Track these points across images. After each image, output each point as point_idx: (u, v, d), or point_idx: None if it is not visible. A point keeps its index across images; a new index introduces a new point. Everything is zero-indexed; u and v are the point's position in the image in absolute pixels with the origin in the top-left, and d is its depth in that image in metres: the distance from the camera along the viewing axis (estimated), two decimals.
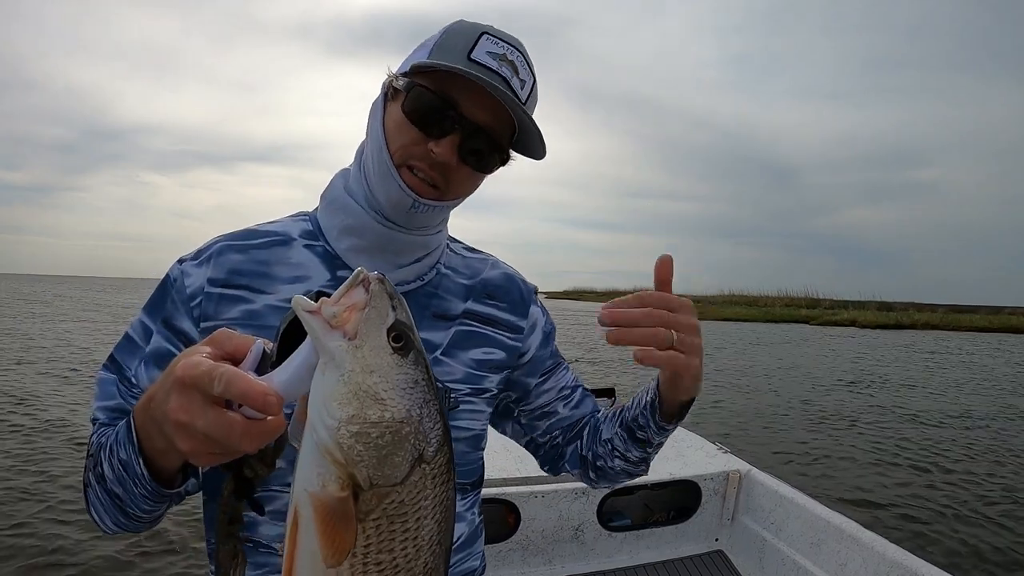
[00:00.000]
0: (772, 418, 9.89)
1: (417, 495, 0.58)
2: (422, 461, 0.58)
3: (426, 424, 0.59)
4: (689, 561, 3.25)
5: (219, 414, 0.57)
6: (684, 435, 4.00)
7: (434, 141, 0.91)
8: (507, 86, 0.91)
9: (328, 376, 0.56)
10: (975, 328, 38.87)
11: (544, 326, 1.19)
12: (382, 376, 0.56)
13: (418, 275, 1.04)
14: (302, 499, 0.56)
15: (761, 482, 3.36)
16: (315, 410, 0.56)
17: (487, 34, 0.92)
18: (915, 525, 5.69)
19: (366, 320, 0.57)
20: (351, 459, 0.55)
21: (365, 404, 0.55)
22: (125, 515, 0.85)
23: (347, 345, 0.56)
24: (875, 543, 2.69)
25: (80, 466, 0.84)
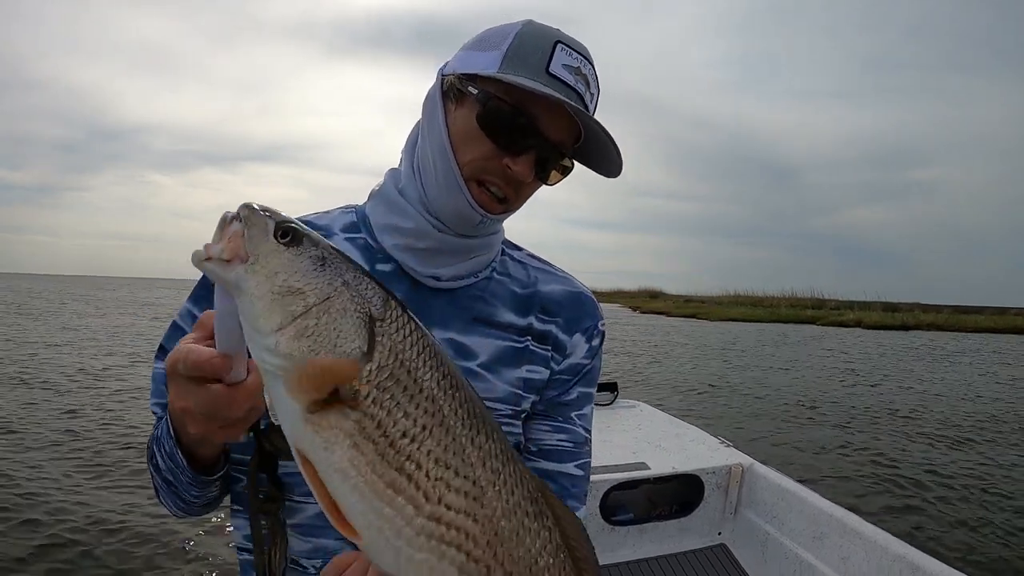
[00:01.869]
0: (775, 413, 9.90)
1: (393, 353, 0.57)
2: (375, 321, 0.57)
3: (356, 288, 0.58)
4: (692, 555, 3.26)
5: (204, 391, 0.61)
6: (687, 429, 4.01)
7: (511, 158, 0.88)
8: (582, 102, 0.89)
9: (243, 303, 0.57)
10: (981, 329, 38.67)
11: (583, 357, 1.06)
12: (286, 271, 0.57)
13: (471, 271, 1.00)
14: (298, 437, 0.56)
15: (763, 476, 3.36)
16: (252, 343, 0.57)
17: (561, 43, 0.89)
18: (917, 519, 5.68)
19: (250, 239, 0.57)
20: (308, 356, 0.55)
21: (285, 304, 0.56)
22: (182, 500, 0.90)
23: (244, 267, 0.56)
24: (877, 536, 2.69)
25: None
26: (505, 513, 0.60)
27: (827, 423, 9.51)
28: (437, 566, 0.56)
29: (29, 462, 6.12)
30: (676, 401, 10.43)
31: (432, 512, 0.56)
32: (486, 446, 0.60)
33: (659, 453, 3.54)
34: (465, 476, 0.58)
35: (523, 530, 0.61)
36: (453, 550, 0.57)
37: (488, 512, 0.59)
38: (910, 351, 23.04)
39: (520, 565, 0.60)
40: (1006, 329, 38.16)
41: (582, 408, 1.07)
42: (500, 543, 0.59)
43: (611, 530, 3.25)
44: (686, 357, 18.24)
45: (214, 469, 0.85)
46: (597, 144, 0.92)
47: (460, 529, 0.57)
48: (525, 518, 0.61)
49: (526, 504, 0.62)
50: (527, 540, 0.61)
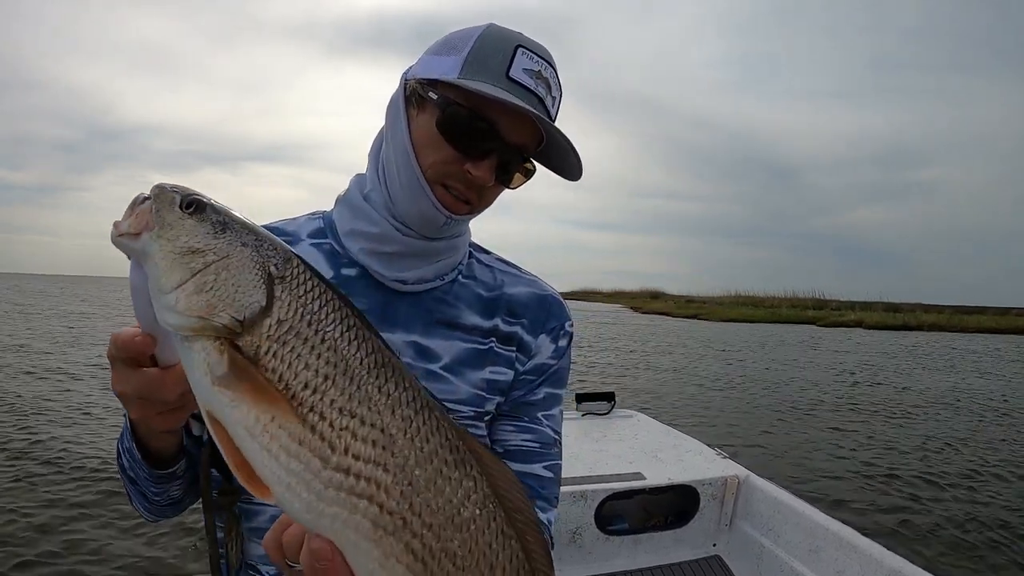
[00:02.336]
0: (772, 423, 9.84)
1: (293, 307, 0.58)
2: (275, 279, 0.58)
3: (256, 248, 0.60)
4: (687, 566, 3.25)
5: (137, 374, 0.64)
6: (683, 440, 4.00)
7: (472, 163, 0.89)
8: (542, 106, 0.90)
9: (148, 268, 0.59)
10: (982, 329, 38.69)
11: (549, 357, 1.06)
12: (188, 235, 0.58)
13: (437, 274, 1.00)
14: (207, 397, 0.56)
15: (759, 488, 3.35)
16: (156, 307, 0.58)
17: (522, 47, 0.89)
18: (913, 532, 5.65)
19: (156, 211, 0.59)
20: (206, 311, 0.56)
21: (185, 262, 0.57)
22: (147, 499, 0.90)
23: (149, 235, 0.58)
24: (873, 550, 2.68)
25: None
26: (419, 461, 0.58)
27: (826, 429, 9.49)
28: (349, 519, 0.55)
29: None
30: (674, 408, 10.41)
31: (339, 463, 0.55)
32: (395, 394, 0.59)
33: (655, 463, 3.53)
34: (372, 424, 0.57)
35: (441, 479, 0.58)
36: (365, 502, 0.55)
37: (399, 461, 0.57)
38: (911, 352, 23.02)
39: (440, 516, 0.57)
40: (1008, 329, 38.16)
41: (550, 409, 1.06)
42: (415, 493, 0.57)
43: (606, 539, 3.24)
44: (686, 360, 18.23)
45: (170, 463, 0.85)
46: (558, 149, 0.93)
47: (371, 480, 0.55)
48: (444, 466, 0.59)
49: (444, 452, 0.59)
50: (446, 490, 0.58)
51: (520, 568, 0.62)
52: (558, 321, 1.08)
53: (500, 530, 0.61)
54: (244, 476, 0.55)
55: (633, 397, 10.45)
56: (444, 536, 0.57)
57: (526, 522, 0.63)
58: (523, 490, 0.65)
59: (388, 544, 0.56)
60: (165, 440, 0.82)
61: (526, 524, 0.63)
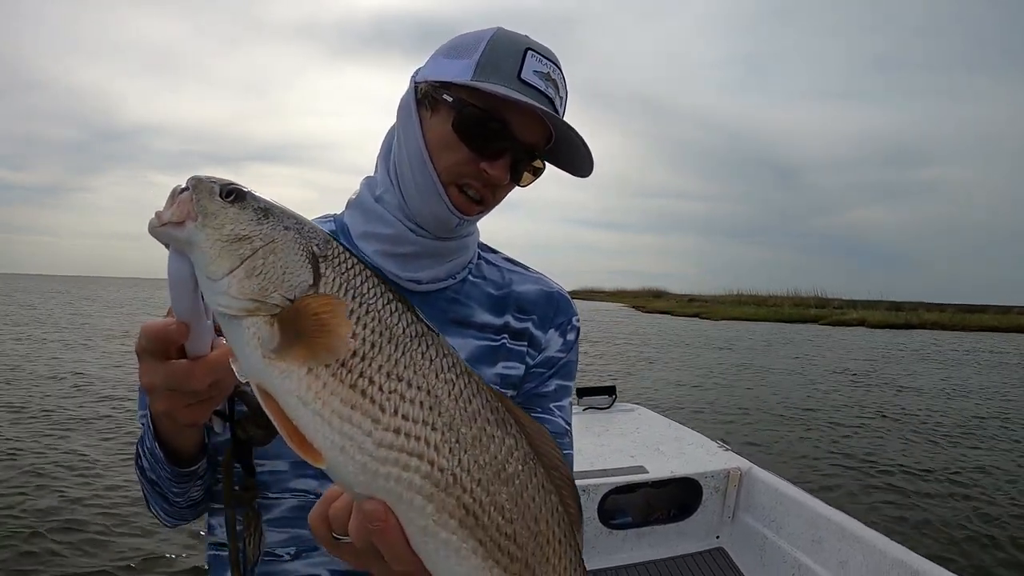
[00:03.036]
0: (774, 416, 9.86)
1: (338, 282, 0.61)
2: (318, 258, 0.62)
3: (298, 231, 0.63)
4: (690, 559, 3.25)
5: (166, 366, 0.65)
6: (685, 433, 4.00)
7: (487, 162, 0.92)
8: (552, 106, 0.93)
9: (196, 258, 0.61)
10: (985, 328, 38.60)
11: (558, 350, 1.09)
12: (233, 223, 0.61)
13: (450, 273, 1.03)
14: (258, 370, 0.58)
15: (762, 480, 3.35)
16: (207, 293, 0.61)
17: (531, 50, 0.93)
18: (916, 523, 5.66)
19: (197, 201, 0.61)
20: (258, 294, 0.58)
21: (234, 249, 0.60)
22: (167, 501, 0.91)
23: (194, 225, 0.60)
24: (876, 540, 2.69)
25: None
26: (465, 420, 0.60)
27: (827, 425, 9.48)
28: (403, 476, 0.57)
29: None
30: (675, 403, 10.41)
31: (390, 423, 0.57)
32: (438, 360, 0.62)
33: (657, 457, 3.53)
34: (419, 387, 0.59)
35: (486, 437, 0.61)
36: (416, 460, 0.57)
37: (446, 419, 0.60)
38: (913, 351, 22.98)
39: (488, 471, 0.60)
40: (1010, 328, 38.07)
41: (560, 400, 1.09)
42: (463, 450, 0.59)
43: (609, 533, 3.24)
44: (687, 358, 18.21)
45: (192, 462, 0.86)
46: (568, 145, 0.97)
47: (420, 438, 0.58)
48: (487, 425, 0.62)
49: (486, 412, 0.62)
50: (491, 447, 0.61)
51: (561, 520, 0.65)
52: (565, 316, 1.11)
53: (541, 484, 0.64)
54: (297, 443, 0.57)
55: (634, 392, 10.44)
56: (492, 490, 0.60)
57: (562, 478, 0.66)
58: (558, 448, 0.67)
59: (440, 500, 0.58)
60: (188, 437, 0.83)
61: (562, 480, 0.66)
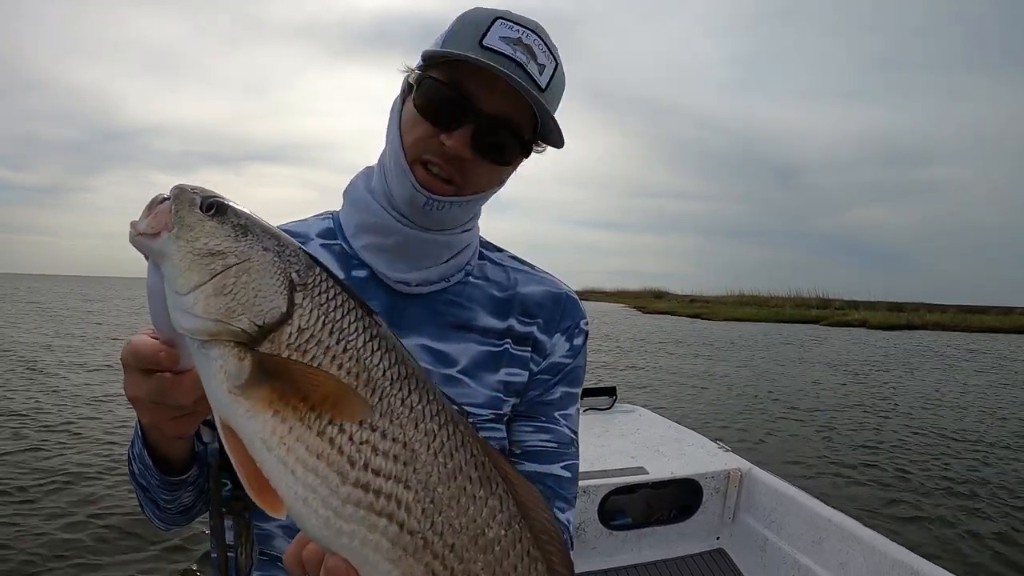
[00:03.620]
0: (774, 417, 9.84)
1: (315, 315, 0.56)
2: (296, 285, 0.57)
3: (278, 253, 0.58)
4: (690, 560, 3.25)
5: (152, 379, 0.62)
6: (685, 433, 3.99)
7: (446, 134, 0.86)
8: (523, 72, 0.85)
9: (165, 268, 0.57)
10: (986, 329, 38.53)
11: (564, 356, 1.04)
12: (209, 237, 0.57)
13: (442, 276, 0.98)
14: (223, 406, 0.54)
15: (762, 480, 3.35)
16: (171, 308, 0.56)
17: (501, 19, 0.87)
18: (917, 523, 5.65)
19: (176, 212, 0.58)
20: (224, 315, 0.54)
21: (205, 264, 0.56)
22: (157, 507, 0.89)
23: (168, 235, 0.57)
24: (876, 541, 2.68)
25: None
26: (443, 478, 0.55)
27: (828, 426, 9.45)
28: (368, 538, 0.53)
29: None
30: (676, 404, 10.39)
31: (358, 479, 0.53)
32: (419, 407, 0.57)
33: (658, 458, 3.53)
34: (394, 439, 0.54)
35: (465, 497, 0.56)
36: (384, 520, 0.53)
37: (422, 477, 0.54)
38: (915, 351, 22.95)
39: (463, 536, 0.55)
40: (1012, 329, 38.00)
41: (566, 408, 1.04)
42: (438, 512, 0.54)
43: (609, 534, 3.24)
44: (688, 359, 18.20)
45: (182, 470, 0.84)
46: (542, 116, 0.89)
47: (391, 497, 0.53)
48: (468, 484, 0.56)
49: (469, 469, 0.57)
50: (471, 509, 0.56)
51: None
52: (573, 320, 1.05)
53: (526, 552, 0.58)
54: (255, 490, 0.53)
55: (635, 393, 10.43)
56: (467, 558, 0.55)
57: (552, 543, 0.61)
58: (549, 510, 0.63)
59: (408, 565, 0.54)
60: (177, 446, 0.81)
61: (552, 545, 0.61)
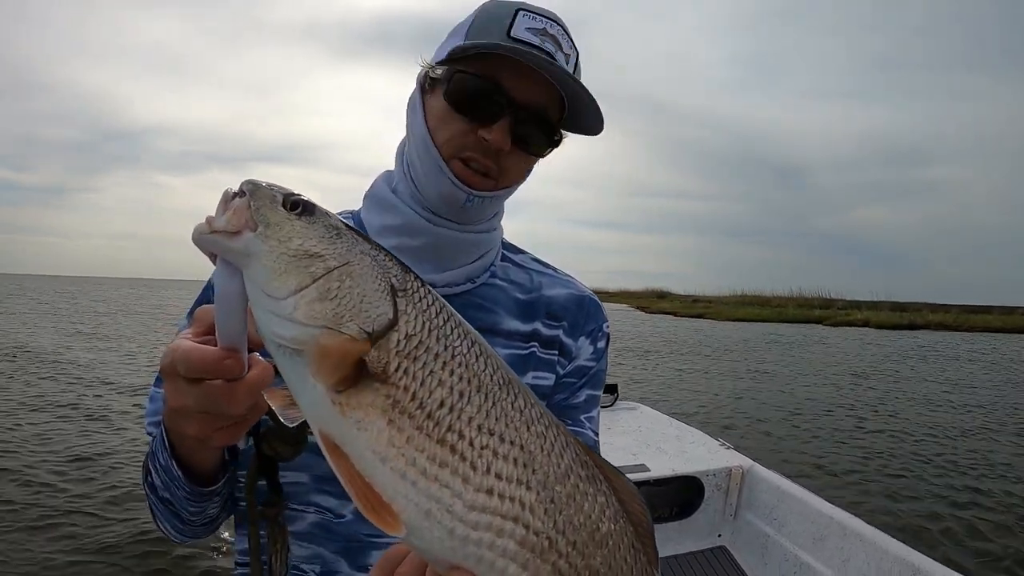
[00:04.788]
0: (776, 415, 9.84)
1: (420, 320, 0.54)
2: (397, 291, 0.54)
3: (375, 257, 0.56)
4: (692, 557, 3.25)
5: (202, 387, 0.57)
6: (687, 431, 3.99)
7: (484, 128, 0.85)
8: (552, 61, 0.84)
9: (254, 270, 0.53)
10: (989, 328, 38.47)
11: (588, 359, 1.04)
12: (302, 237, 0.54)
13: (468, 277, 0.96)
14: (326, 419, 0.51)
15: (764, 478, 3.35)
16: (263, 315, 0.53)
17: (523, 10, 0.86)
18: (918, 520, 5.64)
19: (257, 209, 0.54)
20: (332, 321, 0.51)
21: (303, 266, 0.52)
22: (180, 520, 0.85)
23: (253, 234, 0.53)
24: (878, 538, 2.68)
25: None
26: (559, 477, 0.55)
27: (829, 423, 9.45)
28: (496, 543, 0.51)
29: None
30: (678, 402, 10.39)
31: (482, 483, 0.52)
32: (527, 410, 0.56)
33: (659, 455, 3.53)
34: (512, 442, 0.53)
35: (580, 495, 0.56)
36: (511, 523, 0.52)
37: (541, 477, 0.54)
38: (917, 351, 22.92)
39: (583, 533, 0.55)
40: (1014, 329, 37.93)
41: (590, 411, 1.04)
42: (558, 511, 0.54)
43: None
44: (689, 358, 18.19)
45: (212, 481, 0.81)
46: (576, 103, 0.89)
47: (515, 499, 0.52)
48: (580, 482, 0.56)
49: (577, 467, 0.57)
50: (585, 505, 0.56)
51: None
52: (596, 323, 1.05)
53: (632, 544, 0.59)
54: (371, 508, 0.50)
55: (637, 391, 10.41)
56: (587, 553, 0.55)
57: (646, 535, 0.62)
58: (643, 501, 0.63)
59: (536, 567, 0.53)
60: (210, 456, 0.78)
61: (647, 537, 0.62)
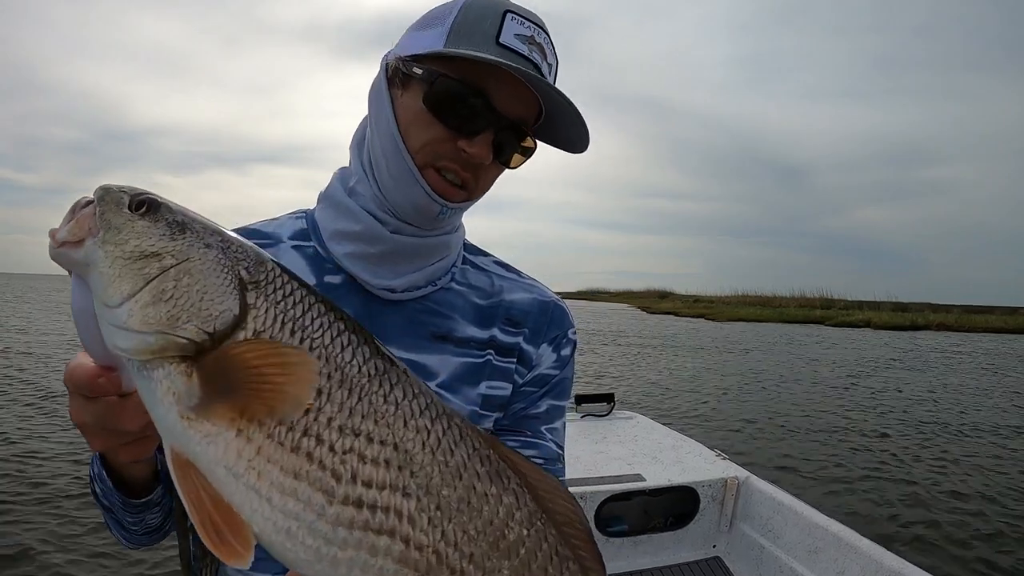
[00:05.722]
0: (772, 425, 9.75)
1: (272, 315, 0.49)
2: (247, 284, 0.50)
3: (222, 249, 0.51)
4: (687, 567, 3.24)
5: (96, 404, 0.55)
6: (682, 441, 3.98)
7: (466, 140, 0.81)
8: (538, 72, 0.81)
9: (93, 280, 0.49)
10: (991, 329, 38.42)
11: (551, 367, 0.99)
12: (139, 238, 0.49)
13: (429, 279, 0.92)
14: (174, 434, 0.47)
15: (759, 489, 3.34)
16: (103, 326, 0.49)
17: (511, 13, 0.81)
18: (913, 533, 5.61)
19: (101, 214, 0.50)
20: (167, 325, 0.47)
21: (138, 268, 0.48)
22: (123, 527, 0.84)
23: (93, 241, 0.49)
24: (873, 551, 2.67)
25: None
26: (446, 478, 0.48)
27: (826, 434, 9.35)
28: (370, 563, 0.46)
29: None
30: (674, 411, 10.35)
31: (348, 494, 0.46)
32: (404, 402, 0.49)
33: (655, 465, 3.52)
34: (382, 441, 0.47)
35: (476, 497, 0.49)
36: (386, 538, 0.46)
37: (422, 480, 0.47)
38: (918, 352, 22.89)
39: (482, 543, 0.48)
40: (1016, 329, 37.90)
41: (552, 422, 0.98)
42: (447, 518, 0.47)
43: (605, 541, 3.23)
44: (689, 360, 18.18)
45: (145, 491, 0.79)
46: (561, 119, 0.85)
47: (389, 509, 0.46)
48: (476, 481, 0.49)
49: (474, 464, 0.50)
50: (484, 510, 0.49)
51: None
52: (560, 329, 1.00)
53: (554, 551, 0.51)
54: (213, 534, 0.44)
55: (633, 399, 10.41)
56: (490, 567, 0.48)
57: (579, 536, 0.54)
58: (571, 497, 0.56)
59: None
60: (137, 467, 0.76)
61: (580, 539, 0.54)
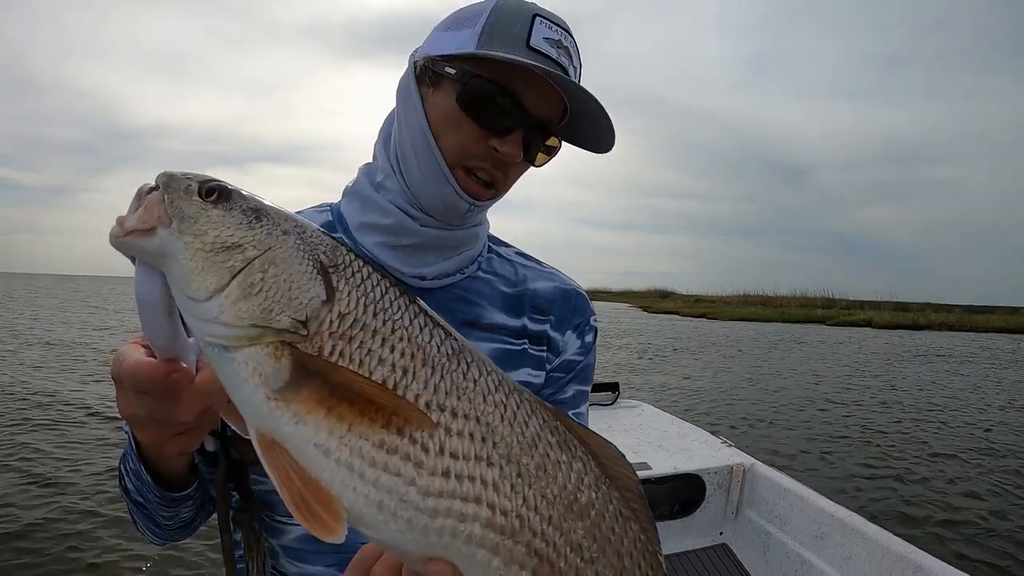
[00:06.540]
0: (777, 413, 9.82)
1: (355, 297, 0.51)
2: (328, 268, 0.51)
3: (300, 236, 0.52)
4: (693, 555, 3.25)
5: (148, 397, 0.55)
6: (688, 429, 3.99)
7: (497, 139, 0.83)
8: (566, 76, 0.83)
9: (172, 271, 0.49)
10: (992, 328, 38.35)
11: (576, 353, 1.02)
12: (218, 228, 0.50)
13: (459, 267, 0.94)
14: (261, 416, 0.48)
15: (765, 476, 3.35)
16: (190, 318, 0.49)
17: (539, 16, 0.84)
18: (920, 518, 5.63)
19: (171, 203, 0.50)
20: (261, 318, 0.48)
21: (221, 261, 0.49)
22: (155, 523, 0.84)
23: (167, 231, 0.49)
24: (879, 536, 2.68)
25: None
26: (524, 448, 0.51)
27: (830, 422, 9.42)
28: (459, 529, 0.48)
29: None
30: (679, 401, 10.38)
31: (436, 465, 0.48)
32: (482, 379, 0.52)
33: (660, 453, 3.53)
34: (466, 415, 0.50)
35: (551, 464, 0.52)
36: (473, 505, 0.48)
37: (503, 451, 0.50)
38: (919, 351, 22.87)
39: (558, 506, 0.51)
40: (1017, 329, 37.84)
41: (578, 407, 1.02)
42: (527, 485, 0.50)
43: None
44: (692, 358, 18.18)
45: (183, 485, 0.80)
46: (587, 119, 0.88)
47: (475, 478, 0.48)
48: (550, 450, 0.52)
49: (546, 434, 0.53)
50: (558, 476, 0.51)
51: (645, 550, 0.55)
52: (583, 316, 1.04)
53: (619, 512, 0.55)
54: (305, 511, 0.45)
55: (638, 389, 10.41)
56: (566, 528, 0.51)
57: (636, 500, 0.57)
58: (628, 463, 0.59)
59: (508, 549, 0.49)
60: (177, 461, 0.77)
61: (637, 503, 0.57)
